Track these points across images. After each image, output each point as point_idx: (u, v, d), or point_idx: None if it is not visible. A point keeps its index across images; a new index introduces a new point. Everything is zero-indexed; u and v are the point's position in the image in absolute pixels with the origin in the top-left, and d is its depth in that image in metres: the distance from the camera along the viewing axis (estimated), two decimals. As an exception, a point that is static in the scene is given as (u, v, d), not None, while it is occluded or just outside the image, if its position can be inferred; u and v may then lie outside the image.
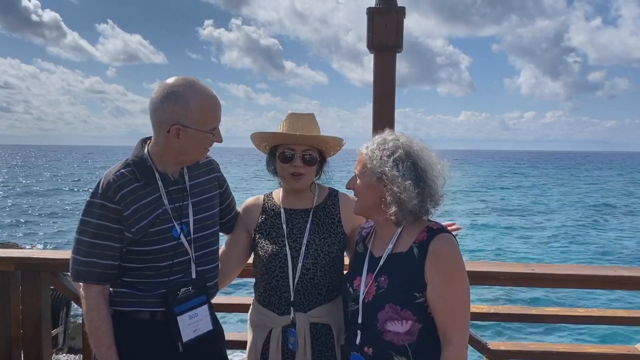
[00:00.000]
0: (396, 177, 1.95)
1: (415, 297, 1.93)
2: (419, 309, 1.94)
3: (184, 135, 2.08)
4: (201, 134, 2.11)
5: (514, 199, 47.92)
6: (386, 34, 3.23)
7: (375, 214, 2.10)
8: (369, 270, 2.08)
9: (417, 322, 1.94)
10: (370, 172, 2.03)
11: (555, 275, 3.02)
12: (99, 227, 2.09)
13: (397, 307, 1.93)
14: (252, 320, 2.46)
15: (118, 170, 2.14)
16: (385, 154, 2.00)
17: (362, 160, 2.08)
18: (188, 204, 2.25)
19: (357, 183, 2.11)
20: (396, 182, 1.95)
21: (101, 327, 2.11)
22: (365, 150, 2.08)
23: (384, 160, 1.99)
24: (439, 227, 2.03)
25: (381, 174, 1.99)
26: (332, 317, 2.33)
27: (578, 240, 26.50)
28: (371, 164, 2.02)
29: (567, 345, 3.27)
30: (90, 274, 2.11)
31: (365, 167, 2.06)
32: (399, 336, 1.94)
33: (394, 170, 1.96)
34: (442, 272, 1.93)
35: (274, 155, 2.42)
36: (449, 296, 1.92)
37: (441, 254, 1.95)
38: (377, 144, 2.06)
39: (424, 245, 1.97)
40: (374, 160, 2.02)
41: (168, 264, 2.17)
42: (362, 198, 2.10)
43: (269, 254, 2.35)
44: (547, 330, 11.03)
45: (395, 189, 1.95)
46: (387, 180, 1.97)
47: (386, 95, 3.30)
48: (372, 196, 2.05)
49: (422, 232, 2.01)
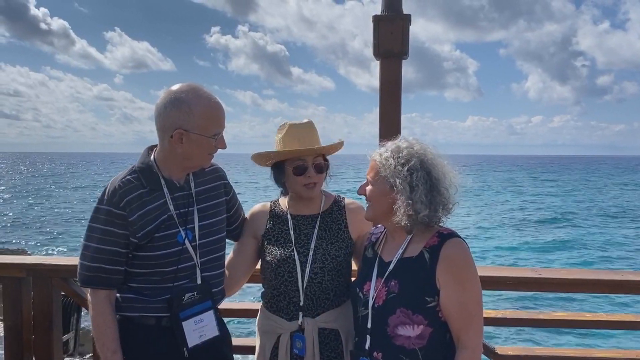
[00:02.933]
0: (408, 188, 1.96)
1: (426, 301, 1.94)
2: (430, 314, 1.94)
3: (187, 140, 2.12)
4: (204, 139, 2.13)
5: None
6: (392, 41, 3.25)
7: (387, 220, 2.11)
8: (378, 274, 2.08)
9: (428, 326, 1.94)
10: (383, 180, 2.04)
11: (562, 279, 3.02)
12: (105, 232, 2.12)
13: (409, 312, 1.94)
14: (260, 326, 2.47)
15: (124, 177, 2.18)
16: (400, 162, 2.01)
17: (375, 167, 2.08)
18: (194, 210, 2.27)
19: (369, 189, 2.11)
20: (407, 193, 1.96)
21: (107, 332, 2.14)
22: (379, 157, 2.08)
23: (397, 170, 2.00)
24: (450, 232, 2.04)
25: (394, 182, 2.00)
26: (340, 322, 2.34)
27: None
28: (385, 172, 2.03)
29: (576, 350, 3.27)
30: (97, 279, 2.15)
31: (378, 175, 2.06)
32: (410, 340, 1.94)
33: (408, 179, 1.97)
34: (455, 277, 1.93)
35: (280, 169, 2.42)
36: (463, 301, 1.92)
37: (454, 259, 1.96)
38: (390, 151, 2.06)
39: (436, 250, 1.98)
40: (387, 168, 2.02)
41: (173, 270, 2.19)
42: (374, 204, 2.10)
43: (278, 259, 2.37)
44: (556, 334, 10.96)
45: (407, 200, 1.96)
46: (399, 190, 1.98)
47: (392, 103, 3.32)
48: (384, 203, 2.06)
49: (433, 236, 2.02)
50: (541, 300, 13.70)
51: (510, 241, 27.26)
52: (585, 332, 10.83)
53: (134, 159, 2.33)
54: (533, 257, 23.51)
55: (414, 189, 1.96)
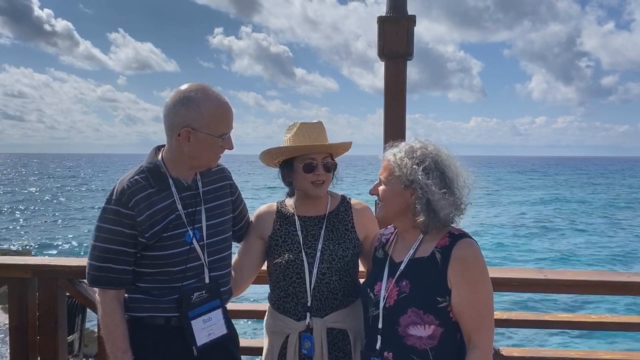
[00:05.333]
0: (429, 185, 1.98)
1: (438, 301, 1.94)
2: (441, 314, 1.95)
3: (194, 139, 2.12)
4: (211, 138, 2.14)
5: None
6: (397, 42, 3.26)
7: (399, 220, 2.12)
8: (389, 275, 2.09)
9: (439, 326, 1.94)
10: (398, 180, 2.05)
11: (567, 281, 3.02)
12: (113, 232, 2.13)
13: (420, 312, 1.94)
14: (268, 326, 2.48)
15: (132, 177, 2.19)
16: (415, 162, 2.02)
17: (389, 167, 2.09)
18: (201, 210, 2.28)
19: (382, 189, 2.11)
20: (430, 190, 1.98)
21: (117, 332, 2.14)
22: (393, 157, 2.08)
23: (414, 169, 2.01)
24: (461, 233, 2.05)
25: (412, 182, 2.01)
26: (348, 323, 2.34)
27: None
28: (400, 172, 2.04)
29: (581, 352, 3.26)
30: (106, 279, 2.15)
31: (392, 175, 2.07)
32: (421, 340, 1.94)
33: (426, 179, 1.99)
34: (467, 278, 1.94)
35: (289, 168, 2.44)
36: (475, 301, 1.93)
37: (466, 259, 1.97)
38: (405, 151, 2.07)
39: (447, 250, 1.98)
40: (403, 168, 2.03)
41: (181, 269, 2.19)
42: (388, 204, 2.10)
43: (286, 260, 2.37)
44: (561, 336, 10.92)
45: (429, 197, 1.98)
46: (419, 188, 1.99)
47: (397, 103, 3.32)
48: (398, 203, 2.07)
49: (444, 237, 2.03)
50: (549, 302, 13.58)
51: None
52: (592, 334, 10.78)
53: (139, 159, 2.33)
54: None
55: (434, 188, 1.98)
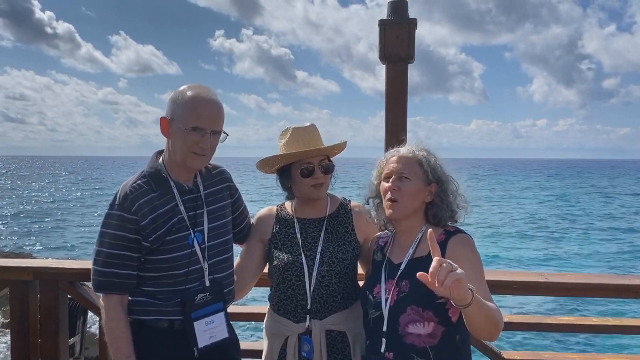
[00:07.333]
0: (452, 180, 2.08)
1: (436, 297, 1.92)
2: (440, 310, 1.95)
3: (172, 131, 2.15)
4: (183, 131, 2.11)
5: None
6: (398, 45, 3.26)
7: (410, 219, 2.13)
8: (388, 277, 2.09)
9: (439, 324, 1.95)
10: (424, 175, 2.08)
11: (569, 284, 3.00)
12: (116, 237, 2.13)
13: (419, 309, 1.95)
14: (267, 328, 2.48)
15: (134, 182, 2.19)
16: (432, 159, 2.10)
17: (411, 163, 2.09)
18: (203, 212, 2.28)
19: (408, 184, 2.08)
20: (449, 188, 2.08)
21: (121, 337, 2.15)
22: (412, 154, 2.11)
23: (438, 166, 2.08)
24: (456, 229, 2.08)
25: (437, 177, 2.08)
26: (348, 325, 2.34)
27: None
28: (428, 167, 2.08)
29: (583, 355, 3.25)
30: (110, 284, 2.16)
31: (415, 170, 2.09)
32: (421, 338, 1.95)
33: (446, 174, 2.09)
34: (462, 263, 1.88)
35: (286, 174, 2.44)
36: (472, 280, 1.88)
37: (458, 244, 2.01)
38: (424, 149, 2.13)
39: (442, 245, 2.00)
40: (431, 164, 2.08)
41: (184, 272, 2.20)
42: (406, 202, 2.07)
43: (285, 263, 2.37)
44: (562, 339, 10.91)
45: (449, 193, 2.08)
46: (442, 183, 2.08)
47: (398, 107, 3.33)
48: (418, 199, 2.09)
49: (440, 234, 2.05)
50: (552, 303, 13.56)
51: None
52: (594, 337, 10.77)
53: (140, 162, 2.34)
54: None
55: (453, 184, 2.09)
